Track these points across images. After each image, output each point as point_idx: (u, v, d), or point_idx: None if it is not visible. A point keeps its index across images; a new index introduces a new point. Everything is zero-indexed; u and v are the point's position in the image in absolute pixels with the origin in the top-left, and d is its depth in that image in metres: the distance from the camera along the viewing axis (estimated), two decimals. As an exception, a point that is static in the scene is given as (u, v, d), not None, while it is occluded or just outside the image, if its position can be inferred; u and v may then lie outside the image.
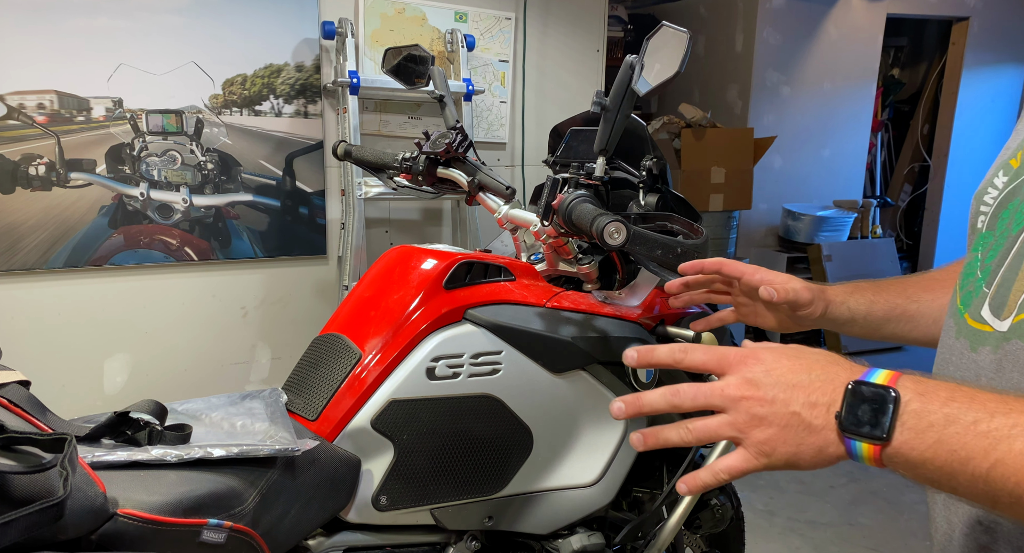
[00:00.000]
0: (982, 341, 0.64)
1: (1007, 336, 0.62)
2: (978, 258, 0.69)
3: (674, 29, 1.22)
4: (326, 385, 1.20)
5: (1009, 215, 0.66)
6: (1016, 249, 0.64)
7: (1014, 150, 0.70)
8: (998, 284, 0.64)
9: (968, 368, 0.66)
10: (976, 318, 0.66)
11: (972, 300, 0.67)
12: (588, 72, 2.91)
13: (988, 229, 0.69)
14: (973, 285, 0.68)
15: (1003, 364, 0.62)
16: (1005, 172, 0.70)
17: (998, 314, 0.63)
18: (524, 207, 1.49)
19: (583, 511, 1.33)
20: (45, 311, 2.23)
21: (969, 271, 0.70)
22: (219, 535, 0.91)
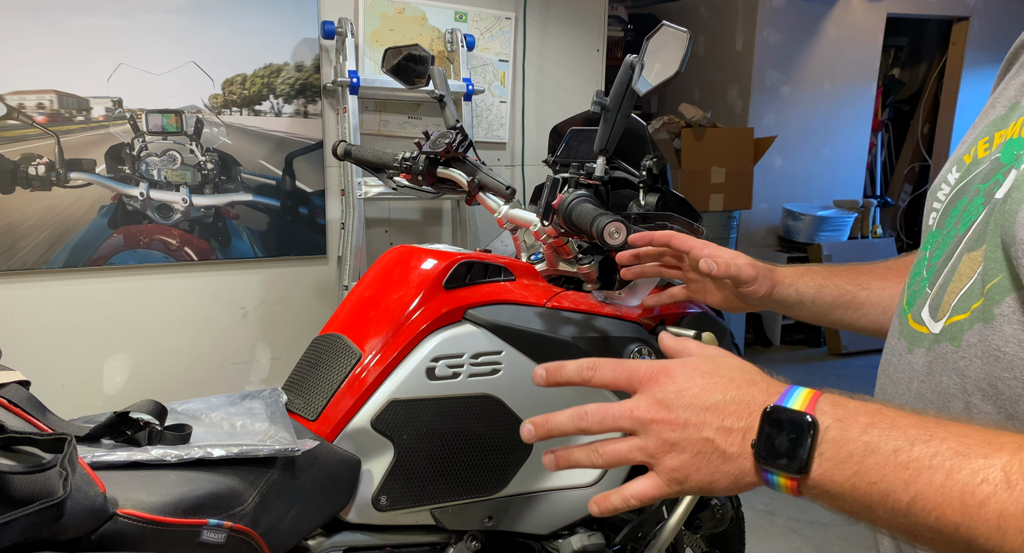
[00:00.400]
0: (918, 342, 0.64)
1: (938, 338, 0.61)
2: (925, 257, 0.68)
3: (674, 29, 1.22)
4: (326, 385, 1.20)
5: (957, 213, 0.65)
6: (959, 250, 0.62)
7: (968, 145, 0.69)
8: (939, 285, 0.63)
9: (903, 370, 0.65)
10: (916, 319, 0.65)
11: (916, 300, 0.66)
12: (588, 72, 2.91)
13: (938, 227, 0.68)
14: (918, 285, 0.67)
15: (932, 367, 0.61)
16: (958, 168, 0.68)
17: (934, 315, 0.62)
18: (524, 207, 1.49)
19: (583, 511, 1.33)
20: (45, 311, 2.23)
21: (916, 270, 0.68)
22: (219, 535, 0.91)
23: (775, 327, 4.90)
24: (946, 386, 0.59)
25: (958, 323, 0.59)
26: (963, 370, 0.58)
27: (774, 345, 4.91)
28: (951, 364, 0.59)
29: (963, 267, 0.60)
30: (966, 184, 0.65)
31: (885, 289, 0.90)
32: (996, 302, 0.55)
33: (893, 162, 6.02)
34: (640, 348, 1.34)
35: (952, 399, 0.59)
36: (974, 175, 0.65)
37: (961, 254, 0.61)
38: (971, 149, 0.67)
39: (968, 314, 0.58)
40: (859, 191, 5.20)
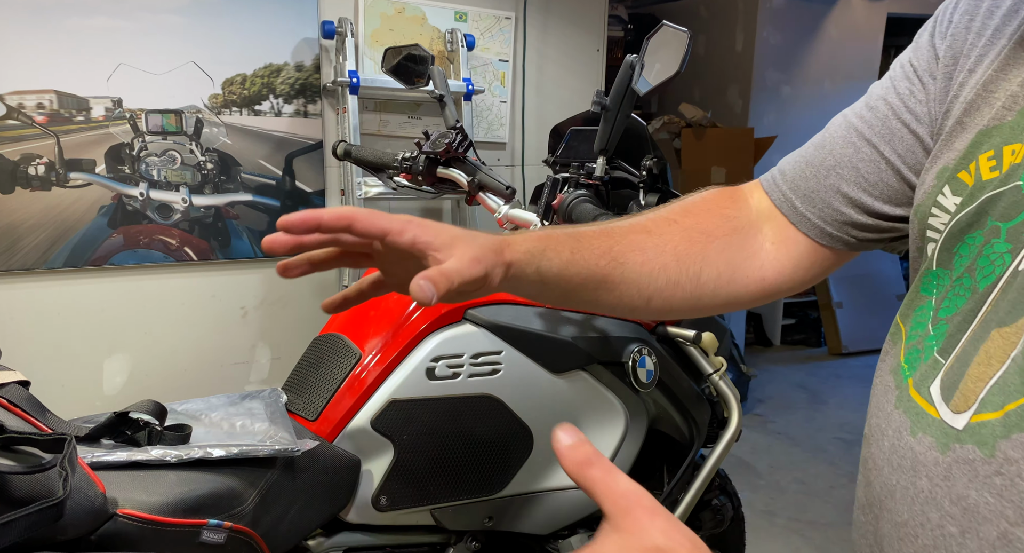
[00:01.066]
0: (924, 427, 0.52)
1: (961, 437, 0.49)
2: (931, 305, 0.56)
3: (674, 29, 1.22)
4: (326, 385, 1.20)
5: (969, 254, 0.53)
6: (983, 316, 0.50)
7: (961, 156, 0.56)
8: (956, 357, 0.51)
9: (904, 455, 0.54)
10: (922, 392, 0.54)
11: (919, 364, 0.55)
12: (588, 72, 2.91)
13: (940, 265, 0.56)
14: (922, 343, 0.55)
15: (952, 472, 0.50)
16: (955, 188, 0.56)
17: (948, 399, 0.51)
18: (524, 207, 1.49)
19: (583, 511, 1.33)
20: (45, 311, 2.23)
21: (919, 318, 0.57)
22: (219, 535, 0.91)
23: (775, 327, 4.90)
24: (974, 503, 0.48)
25: (989, 425, 0.48)
26: (1000, 490, 0.46)
27: (774, 345, 4.91)
28: (982, 478, 0.48)
29: (992, 346, 0.48)
30: (975, 215, 0.53)
31: (644, 265, 0.72)
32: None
33: (893, 162, 6.01)
34: (640, 348, 1.34)
35: (983, 521, 0.48)
36: (983, 202, 0.53)
37: (986, 325, 0.50)
38: (968, 164, 0.55)
39: (1001, 414, 0.47)
40: (859, 191, 5.20)
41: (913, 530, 0.53)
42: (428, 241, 0.63)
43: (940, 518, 0.51)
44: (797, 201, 0.71)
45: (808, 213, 0.71)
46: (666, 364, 1.40)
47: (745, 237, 0.75)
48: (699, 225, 0.75)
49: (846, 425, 3.65)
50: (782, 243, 0.73)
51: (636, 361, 1.33)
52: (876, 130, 0.66)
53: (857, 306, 4.76)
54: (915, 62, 0.65)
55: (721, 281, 0.74)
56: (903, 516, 0.54)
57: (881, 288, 4.85)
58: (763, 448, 3.40)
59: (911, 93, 0.64)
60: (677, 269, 0.72)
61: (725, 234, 0.74)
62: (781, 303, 4.85)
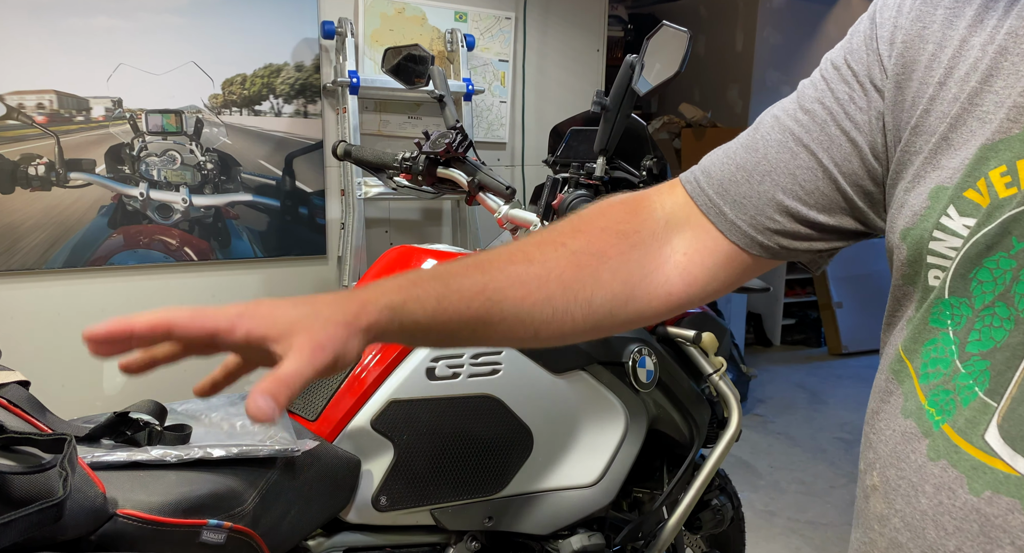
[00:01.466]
0: (994, 485, 0.46)
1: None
2: (950, 339, 0.50)
3: (674, 29, 1.22)
4: (326, 385, 1.20)
5: (991, 279, 0.48)
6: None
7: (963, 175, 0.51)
8: (1015, 399, 0.45)
9: (966, 517, 0.47)
10: (973, 441, 0.47)
11: (955, 408, 0.49)
12: (588, 72, 2.91)
13: (955, 294, 0.50)
14: (952, 383, 0.49)
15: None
16: (963, 209, 0.50)
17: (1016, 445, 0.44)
18: (524, 207, 1.49)
19: (583, 511, 1.33)
20: (44, 311, 2.23)
21: (938, 355, 0.51)
22: (219, 535, 0.91)
23: (775, 327, 4.90)
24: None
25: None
26: None
27: (774, 345, 4.91)
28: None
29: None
30: (996, 236, 0.48)
31: (525, 298, 0.66)
32: None
33: (893, 162, 6.02)
34: (640, 348, 1.34)
35: None
36: (1004, 222, 0.48)
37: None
38: (975, 181, 0.50)
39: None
40: (859, 191, 5.20)
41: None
42: (263, 334, 0.55)
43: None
44: (726, 207, 0.66)
45: (738, 220, 0.65)
46: (666, 364, 1.40)
47: (645, 252, 0.69)
48: (590, 246, 0.68)
49: (846, 425, 3.65)
50: (697, 253, 0.68)
51: (636, 361, 1.33)
52: (814, 135, 0.61)
53: (857, 306, 4.76)
54: (853, 66, 0.61)
55: (618, 302, 0.68)
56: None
57: (881, 288, 4.85)
58: (763, 448, 3.40)
59: (850, 99, 0.60)
60: (564, 298, 0.67)
61: (620, 253, 0.68)
62: (781, 303, 4.85)
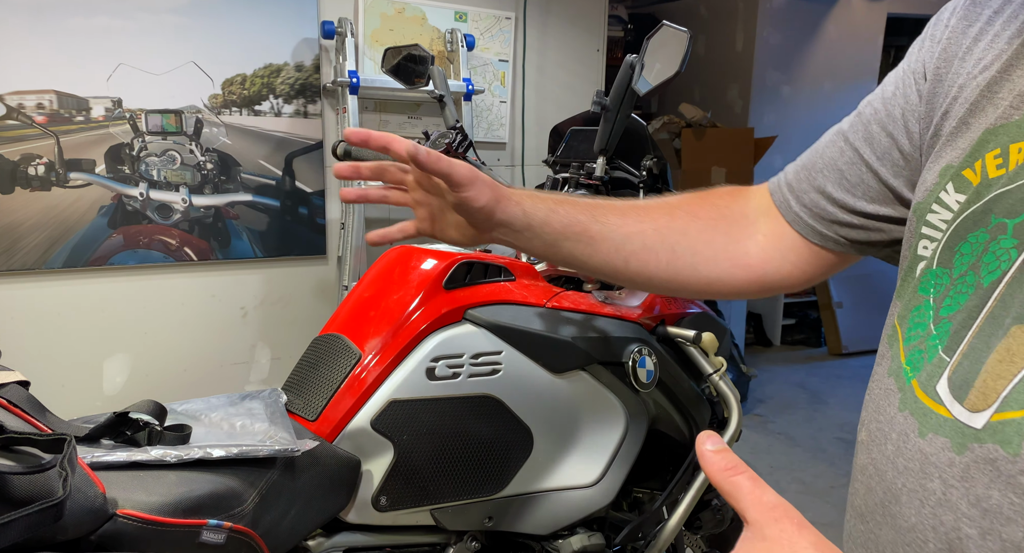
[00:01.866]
0: (935, 427, 0.52)
1: (980, 437, 0.49)
2: (930, 304, 0.55)
3: (674, 29, 1.22)
4: (326, 385, 1.20)
5: (971, 252, 0.53)
6: (989, 311, 0.50)
7: (966, 155, 0.56)
8: (964, 355, 0.51)
9: (912, 457, 0.53)
10: (928, 392, 0.53)
11: (922, 364, 0.54)
12: (588, 72, 2.91)
13: (940, 265, 0.55)
14: (925, 343, 0.55)
15: (971, 472, 0.49)
16: (958, 186, 0.55)
17: (961, 397, 0.50)
18: (524, 207, 1.48)
19: (583, 511, 1.33)
20: (44, 311, 2.23)
21: (918, 319, 0.56)
22: (219, 536, 0.91)
23: (775, 327, 4.90)
24: (996, 503, 0.48)
25: (1013, 423, 0.47)
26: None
27: (774, 345, 4.91)
28: (1006, 477, 0.47)
29: (1013, 343, 0.48)
30: (981, 213, 0.53)
31: (622, 226, 0.78)
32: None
33: (893, 162, 6.01)
34: (640, 348, 1.34)
35: (1006, 522, 0.47)
36: (988, 201, 0.53)
37: (1007, 323, 0.49)
38: (973, 162, 0.55)
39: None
40: (859, 191, 5.20)
41: (923, 534, 0.52)
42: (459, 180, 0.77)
43: (955, 520, 0.50)
44: (792, 200, 0.75)
45: (800, 211, 0.74)
46: (666, 364, 1.40)
47: (732, 223, 0.78)
48: (686, 206, 0.80)
49: (846, 425, 3.65)
50: (774, 236, 0.76)
51: (636, 361, 1.33)
52: (859, 133, 0.69)
53: (857, 306, 4.76)
54: (905, 65, 0.66)
55: (699, 258, 0.78)
56: (910, 521, 0.53)
57: (881, 288, 4.85)
58: (763, 448, 3.40)
59: (894, 95, 0.66)
60: (654, 237, 0.78)
61: (711, 218, 0.79)
62: (781, 303, 4.85)
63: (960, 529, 0.49)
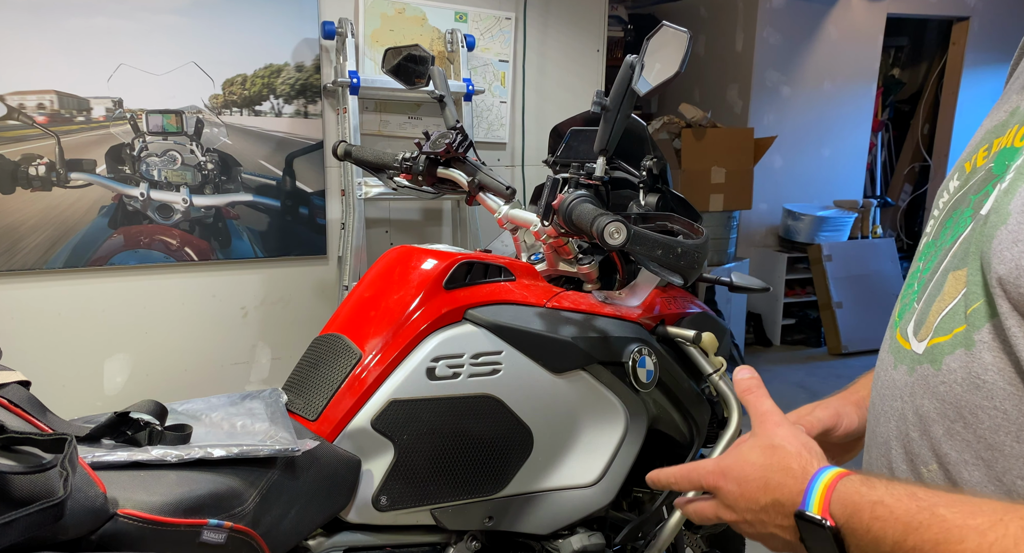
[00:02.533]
0: (901, 359, 0.65)
1: (920, 360, 0.61)
2: (919, 269, 0.68)
3: (674, 29, 1.22)
4: (326, 385, 1.20)
5: (952, 225, 0.64)
6: (944, 265, 0.62)
7: (970, 151, 0.68)
8: (925, 301, 0.63)
9: (888, 385, 0.66)
10: (903, 334, 0.66)
11: (904, 314, 0.67)
12: (588, 72, 2.91)
13: (933, 238, 0.67)
14: (909, 298, 0.67)
15: (914, 389, 0.62)
16: (960, 176, 0.67)
17: (916, 333, 0.63)
18: (524, 207, 1.49)
19: (583, 511, 1.33)
20: (45, 311, 2.23)
21: (911, 281, 0.69)
22: (219, 535, 0.91)
23: (775, 327, 4.90)
24: (927, 410, 0.60)
25: (939, 346, 0.59)
26: (943, 395, 0.59)
27: (774, 345, 4.91)
28: (931, 387, 0.60)
29: (948, 286, 0.60)
30: (963, 194, 0.65)
31: None
32: (976, 328, 0.56)
33: (893, 162, 6.02)
34: (640, 348, 1.34)
35: (932, 423, 0.60)
36: (970, 185, 0.64)
37: (947, 271, 0.61)
38: (972, 156, 0.67)
39: (950, 337, 0.58)
40: (859, 191, 5.20)
41: (887, 443, 0.66)
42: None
43: (906, 428, 0.63)
44: None
45: None
46: (666, 364, 1.40)
47: None
48: None
49: (846, 425, 3.64)
50: None
51: (636, 361, 1.33)
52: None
53: (857, 306, 4.76)
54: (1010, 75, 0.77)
55: None
56: (884, 435, 0.66)
57: (881, 288, 4.85)
58: (763, 448, 3.39)
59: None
60: None
61: None
62: (781, 303, 4.85)
63: (908, 433, 0.62)
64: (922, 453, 0.61)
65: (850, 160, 5.11)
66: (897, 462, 0.64)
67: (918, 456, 0.61)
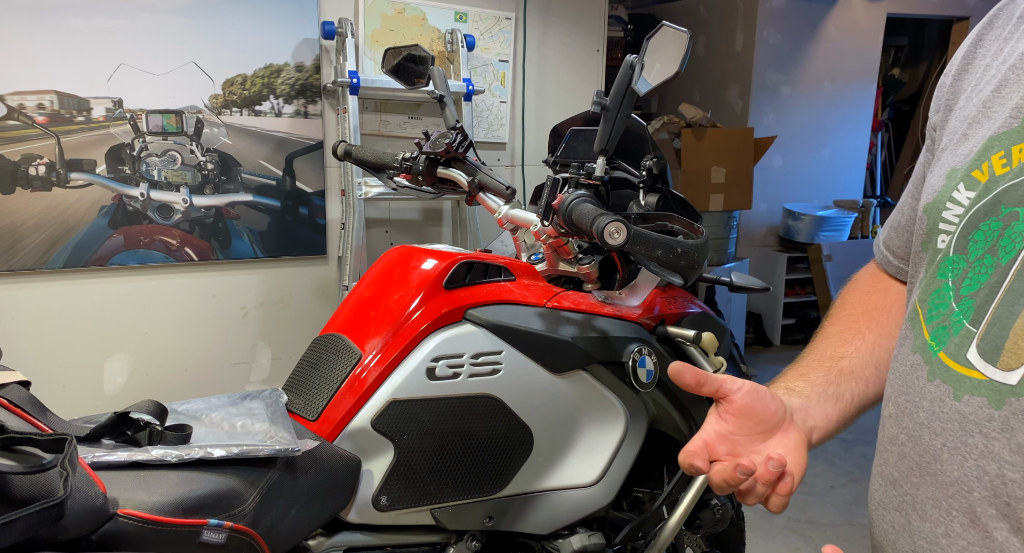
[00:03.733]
0: (971, 389, 0.58)
1: (1016, 391, 0.55)
2: (949, 287, 0.62)
3: (674, 29, 1.22)
4: (326, 385, 1.20)
5: (986, 239, 0.60)
6: (1009, 284, 0.57)
7: (973, 159, 0.64)
8: (990, 324, 0.58)
9: (950, 419, 0.59)
10: (959, 360, 0.59)
11: (949, 338, 0.61)
12: (588, 72, 2.91)
13: (957, 252, 0.63)
14: (948, 319, 0.61)
15: (1011, 423, 0.55)
16: (968, 185, 0.63)
17: (993, 360, 0.56)
18: (524, 207, 1.49)
19: (583, 511, 1.33)
20: (45, 311, 2.23)
21: (939, 300, 0.63)
22: (219, 535, 0.91)
23: (775, 327, 4.90)
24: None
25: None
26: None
27: (774, 345, 4.91)
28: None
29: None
30: (991, 205, 0.61)
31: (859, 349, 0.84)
32: None
33: (893, 162, 6.02)
34: (640, 348, 1.34)
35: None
36: (997, 194, 0.60)
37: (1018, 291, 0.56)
38: (980, 164, 0.63)
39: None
40: (859, 191, 5.20)
41: (967, 485, 0.57)
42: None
43: (999, 468, 0.55)
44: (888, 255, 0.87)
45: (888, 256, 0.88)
46: (666, 364, 1.40)
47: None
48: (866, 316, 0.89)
49: (846, 425, 3.64)
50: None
51: (636, 361, 1.33)
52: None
53: (857, 306, 4.75)
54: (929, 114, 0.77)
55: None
56: (953, 475, 0.58)
57: (881, 288, 4.84)
58: (763, 448, 3.39)
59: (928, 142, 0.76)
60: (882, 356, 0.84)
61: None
62: (781, 303, 4.85)
63: (1004, 475, 0.55)
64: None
65: (850, 160, 5.11)
66: (983, 506, 0.57)
67: (1021, 499, 0.55)
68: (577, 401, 1.31)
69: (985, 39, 0.71)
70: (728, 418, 0.74)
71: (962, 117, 0.68)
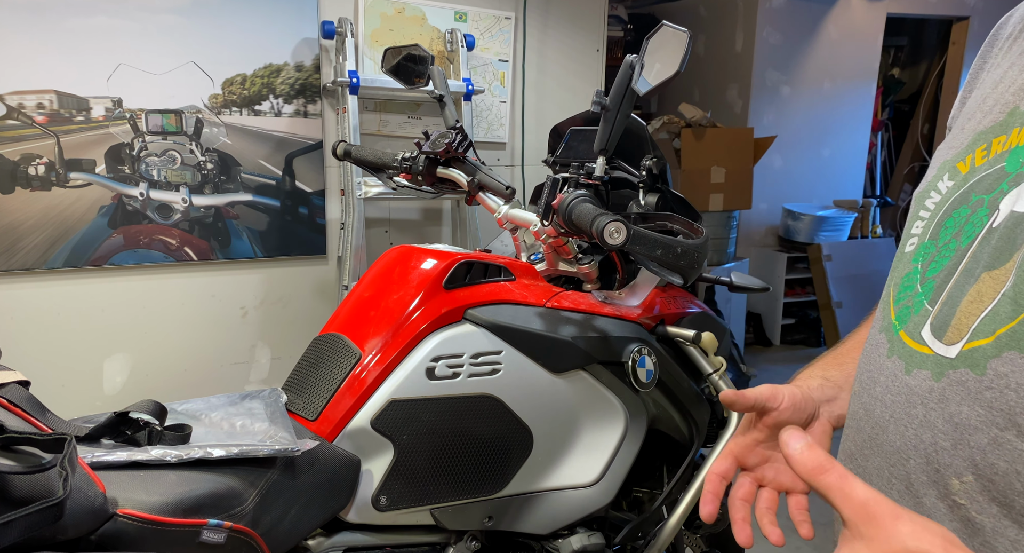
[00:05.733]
0: (919, 364, 0.60)
1: (954, 364, 0.57)
2: (918, 270, 0.65)
3: (674, 29, 1.22)
4: (326, 385, 1.20)
5: (955, 225, 0.62)
6: (963, 266, 0.59)
7: (961, 152, 0.66)
8: (943, 302, 0.60)
9: (899, 392, 0.61)
10: (914, 337, 0.61)
11: (910, 317, 0.63)
12: (588, 72, 2.91)
13: (931, 238, 0.65)
14: (912, 300, 0.64)
15: (947, 394, 0.57)
16: (951, 176, 0.66)
17: (940, 336, 0.59)
18: (524, 207, 1.49)
19: (583, 511, 1.33)
20: (44, 311, 2.23)
21: (907, 283, 0.65)
22: (219, 535, 0.91)
23: (775, 327, 4.90)
24: (966, 417, 0.56)
25: (980, 349, 0.56)
26: (990, 402, 0.54)
27: (774, 345, 4.91)
28: (973, 394, 0.55)
29: (983, 287, 0.57)
30: (963, 194, 0.63)
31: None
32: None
33: (893, 162, 6.02)
34: (640, 348, 1.34)
35: (973, 431, 0.55)
36: (971, 184, 0.63)
37: (977, 272, 0.58)
38: (965, 156, 0.65)
39: (992, 339, 0.55)
40: (859, 191, 5.20)
41: (905, 453, 0.60)
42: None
43: (933, 437, 0.57)
44: None
45: None
46: (666, 364, 1.40)
47: None
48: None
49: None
50: None
51: (636, 361, 1.33)
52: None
53: (857, 306, 4.76)
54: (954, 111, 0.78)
55: None
56: (896, 444, 0.61)
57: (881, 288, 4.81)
58: (763, 448, 3.39)
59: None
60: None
61: None
62: (781, 303, 4.85)
63: (936, 443, 0.57)
64: (954, 464, 0.56)
65: (850, 160, 5.11)
66: (916, 473, 0.59)
67: (948, 467, 0.57)
68: (577, 401, 1.31)
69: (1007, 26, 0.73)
70: (763, 429, 0.79)
71: (967, 112, 0.70)
